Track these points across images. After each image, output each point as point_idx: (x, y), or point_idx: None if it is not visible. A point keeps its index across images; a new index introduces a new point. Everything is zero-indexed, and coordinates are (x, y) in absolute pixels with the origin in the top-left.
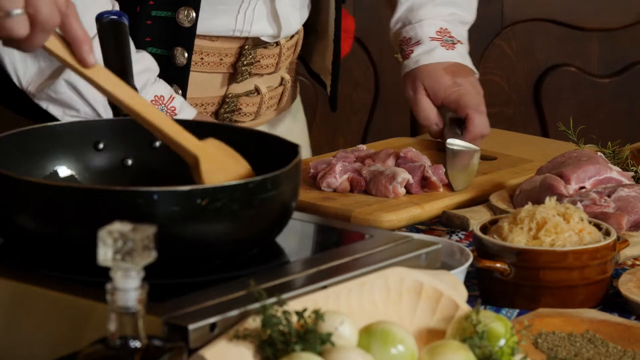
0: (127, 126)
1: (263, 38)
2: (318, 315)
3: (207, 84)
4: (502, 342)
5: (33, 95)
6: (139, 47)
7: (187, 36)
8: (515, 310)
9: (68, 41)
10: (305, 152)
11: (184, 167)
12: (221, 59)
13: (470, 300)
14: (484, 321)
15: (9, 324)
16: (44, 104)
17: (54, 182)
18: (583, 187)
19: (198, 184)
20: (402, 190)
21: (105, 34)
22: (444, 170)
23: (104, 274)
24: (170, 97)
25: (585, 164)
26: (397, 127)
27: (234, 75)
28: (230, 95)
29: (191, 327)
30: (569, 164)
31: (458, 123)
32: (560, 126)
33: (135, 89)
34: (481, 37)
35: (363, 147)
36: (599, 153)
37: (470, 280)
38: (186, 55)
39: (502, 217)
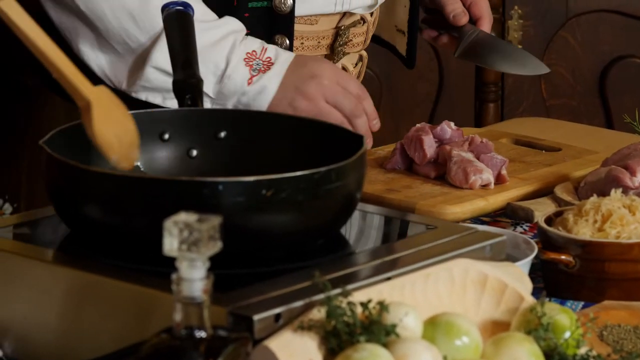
0: (192, 117)
1: (357, 11)
2: (383, 306)
3: None
4: (567, 334)
5: (129, 91)
6: None
7: (286, 23)
8: (580, 303)
9: None
10: None
11: (248, 157)
12: (319, 42)
13: (535, 293)
14: (549, 313)
15: (76, 313)
16: (143, 96)
17: (120, 172)
18: None
19: (88, 130)
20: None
21: (170, 24)
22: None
23: (170, 264)
24: (263, 48)
25: None
26: (461, 118)
27: (330, 57)
28: None
29: (256, 317)
30: (635, 155)
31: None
32: (625, 118)
33: (200, 80)
34: (546, 29)
35: None
36: None
37: (535, 272)
38: (287, 42)
39: (567, 209)
